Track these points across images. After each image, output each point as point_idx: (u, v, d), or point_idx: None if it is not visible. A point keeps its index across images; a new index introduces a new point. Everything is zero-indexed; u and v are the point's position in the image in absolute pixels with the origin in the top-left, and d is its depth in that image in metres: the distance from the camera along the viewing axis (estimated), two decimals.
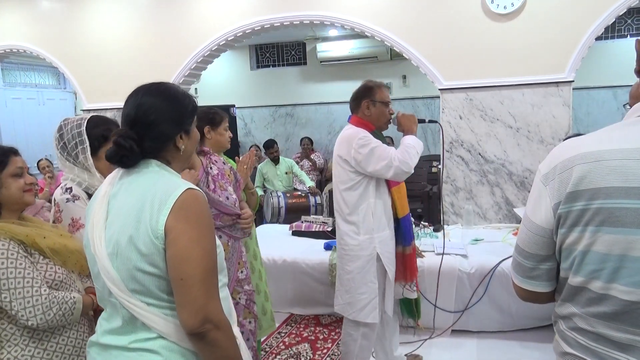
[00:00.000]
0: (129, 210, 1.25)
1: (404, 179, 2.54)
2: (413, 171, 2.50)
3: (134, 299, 1.22)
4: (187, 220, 1.21)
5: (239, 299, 2.29)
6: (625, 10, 4.06)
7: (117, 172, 1.35)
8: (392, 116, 2.65)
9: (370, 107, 2.56)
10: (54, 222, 2.11)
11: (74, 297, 1.65)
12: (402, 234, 2.64)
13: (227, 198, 2.25)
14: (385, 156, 2.44)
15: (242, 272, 2.33)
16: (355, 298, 2.58)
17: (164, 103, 1.31)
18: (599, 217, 0.97)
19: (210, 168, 2.28)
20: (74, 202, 1.92)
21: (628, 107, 2.23)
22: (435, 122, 2.87)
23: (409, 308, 2.91)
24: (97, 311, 1.76)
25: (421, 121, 2.71)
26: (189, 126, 1.36)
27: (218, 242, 1.33)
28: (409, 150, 2.48)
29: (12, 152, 1.70)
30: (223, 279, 1.37)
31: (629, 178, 0.95)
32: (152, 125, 1.29)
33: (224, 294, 1.36)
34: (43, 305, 1.56)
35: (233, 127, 7.13)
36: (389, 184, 2.59)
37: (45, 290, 1.57)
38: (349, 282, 2.60)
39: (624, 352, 0.98)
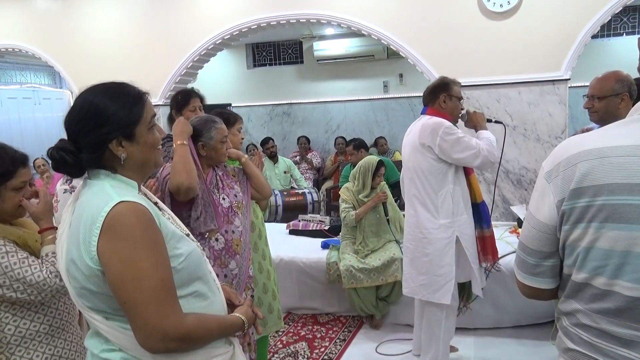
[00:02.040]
0: (73, 228, 1.19)
1: (488, 168, 2.69)
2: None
3: (91, 312, 1.20)
4: (117, 239, 1.11)
5: (247, 295, 2.33)
6: (621, 8, 4.07)
7: (81, 181, 1.28)
8: (462, 112, 2.80)
9: (446, 101, 2.71)
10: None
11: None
12: (482, 217, 2.77)
13: (235, 196, 2.31)
14: (472, 146, 2.59)
15: (250, 268, 2.36)
16: (432, 280, 2.70)
17: (94, 107, 1.19)
18: (602, 214, 0.97)
19: (217, 167, 2.34)
20: (70, 193, 1.92)
21: (586, 97, 2.30)
22: (501, 122, 2.98)
23: (464, 290, 3.03)
24: None
25: (488, 120, 2.87)
26: (130, 130, 1.21)
27: (185, 248, 1.24)
28: (492, 143, 2.64)
29: (22, 162, 1.65)
30: (202, 287, 1.28)
31: (632, 175, 0.95)
32: (80, 133, 1.19)
33: (205, 303, 1.28)
34: (55, 265, 1.58)
35: None
36: (467, 171, 2.72)
37: (33, 261, 1.60)
38: (426, 265, 2.71)
39: (627, 348, 0.98)
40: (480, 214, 2.76)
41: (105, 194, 1.17)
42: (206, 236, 2.19)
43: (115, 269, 1.11)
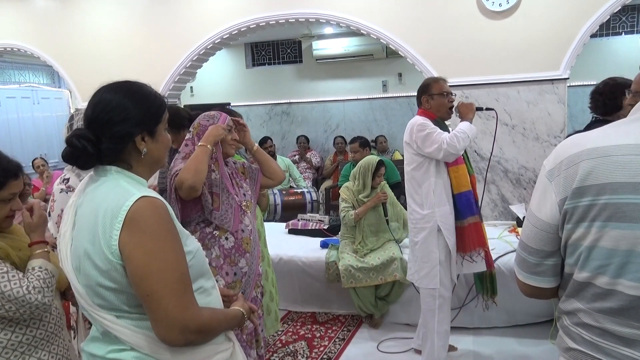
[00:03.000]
0: (86, 224, 1.19)
1: (452, 160, 2.81)
2: (461, 153, 2.79)
3: (102, 312, 1.19)
4: (141, 232, 1.13)
5: (257, 293, 2.36)
6: (619, 7, 4.07)
7: (85, 179, 1.29)
8: (455, 105, 2.91)
9: (429, 101, 2.87)
10: (49, 212, 2.09)
11: (47, 267, 1.61)
12: (457, 209, 2.87)
13: (244, 195, 2.33)
14: (437, 140, 2.72)
15: (260, 266, 2.39)
16: (420, 266, 2.90)
17: (124, 101, 1.24)
18: (606, 213, 0.97)
19: (226, 165, 2.34)
20: (67, 193, 1.91)
21: (629, 92, 2.22)
22: (492, 109, 3.11)
23: (483, 284, 3.11)
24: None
25: (479, 109, 2.98)
26: (153, 127, 1.27)
27: (193, 245, 1.28)
28: (457, 135, 2.74)
29: (14, 174, 1.60)
30: (205, 283, 1.32)
31: (636, 173, 0.94)
32: (108, 124, 1.21)
33: (208, 299, 1.31)
34: (40, 279, 1.55)
35: None
36: (447, 164, 2.83)
37: (14, 277, 1.54)
38: (416, 252, 2.92)
39: (629, 347, 0.98)
40: (457, 206, 2.86)
41: (123, 189, 1.19)
42: (216, 235, 2.19)
43: (139, 261, 1.13)
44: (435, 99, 2.84)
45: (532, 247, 1.13)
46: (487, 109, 3.09)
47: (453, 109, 2.90)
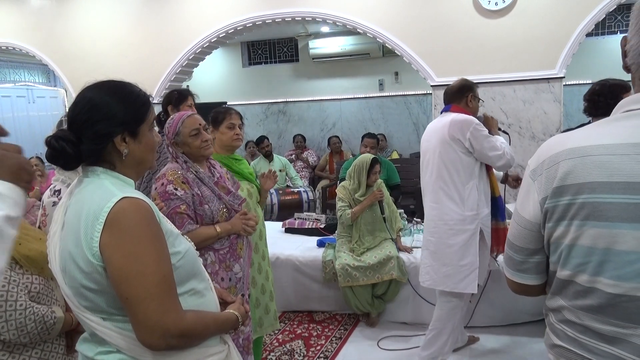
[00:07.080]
0: (71, 226, 1.18)
1: (505, 170, 2.85)
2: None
3: (88, 313, 1.18)
4: (121, 234, 1.12)
5: (247, 294, 2.36)
6: (615, 6, 4.09)
7: (76, 180, 1.28)
8: (479, 114, 2.91)
9: (472, 100, 2.84)
10: (39, 226, 2.04)
11: (54, 316, 1.55)
12: (499, 210, 2.88)
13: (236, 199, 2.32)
14: (498, 147, 2.71)
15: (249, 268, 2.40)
16: (456, 270, 2.77)
17: (104, 99, 1.21)
18: (584, 212, 0.99)
19: (214, 168, 2.30)
20: None
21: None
22: (507, 133, 3.11)
23: None
24: (76, 331, 1.66)
25: (498, 128, 2.99)
26: (135, 127, 1.24)
27: (182, 246, 1.26)
28: (509, 147, 2.78)
29: None
30: (198, 284, 1.30)
31: (613, 173, 0.96)
32: (87, 123, 1.19)
33: (201, 301, 1.29)
34: (17, 321, 1.46)
35: None
36: (487, 166, 2.83)
37: (21, 305, 1.48)
38: (450, 255, 2.78)
39: (610, 345, 0.99)
40: (498, 207, 2.87)
41: (106, 190, 1.17)
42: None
43: (118, 264, 1.11)
44: (476, 101, 2.85)
45: (517, 245, 1.16)
46: (504, 131, 3.09)
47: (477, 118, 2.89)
